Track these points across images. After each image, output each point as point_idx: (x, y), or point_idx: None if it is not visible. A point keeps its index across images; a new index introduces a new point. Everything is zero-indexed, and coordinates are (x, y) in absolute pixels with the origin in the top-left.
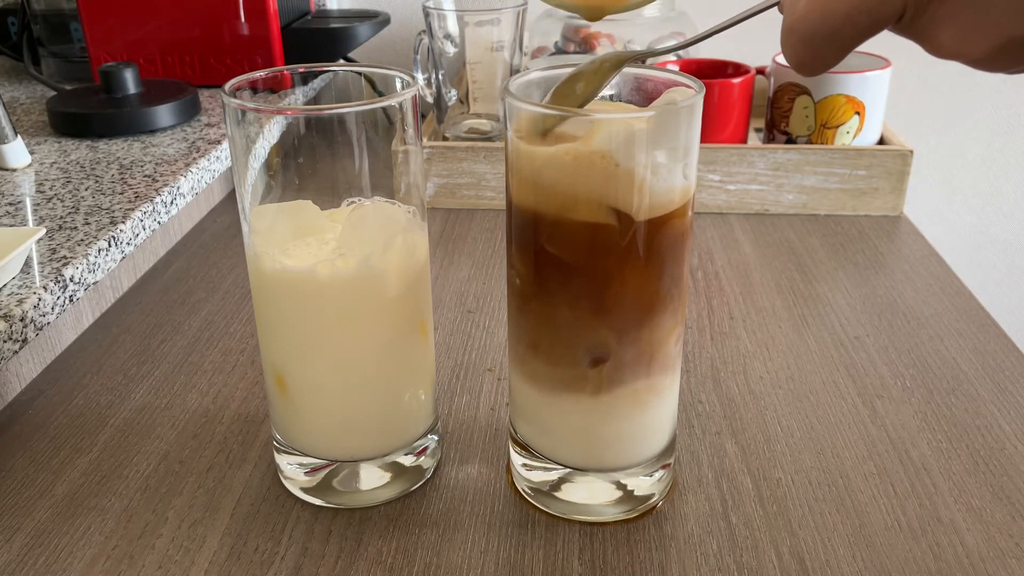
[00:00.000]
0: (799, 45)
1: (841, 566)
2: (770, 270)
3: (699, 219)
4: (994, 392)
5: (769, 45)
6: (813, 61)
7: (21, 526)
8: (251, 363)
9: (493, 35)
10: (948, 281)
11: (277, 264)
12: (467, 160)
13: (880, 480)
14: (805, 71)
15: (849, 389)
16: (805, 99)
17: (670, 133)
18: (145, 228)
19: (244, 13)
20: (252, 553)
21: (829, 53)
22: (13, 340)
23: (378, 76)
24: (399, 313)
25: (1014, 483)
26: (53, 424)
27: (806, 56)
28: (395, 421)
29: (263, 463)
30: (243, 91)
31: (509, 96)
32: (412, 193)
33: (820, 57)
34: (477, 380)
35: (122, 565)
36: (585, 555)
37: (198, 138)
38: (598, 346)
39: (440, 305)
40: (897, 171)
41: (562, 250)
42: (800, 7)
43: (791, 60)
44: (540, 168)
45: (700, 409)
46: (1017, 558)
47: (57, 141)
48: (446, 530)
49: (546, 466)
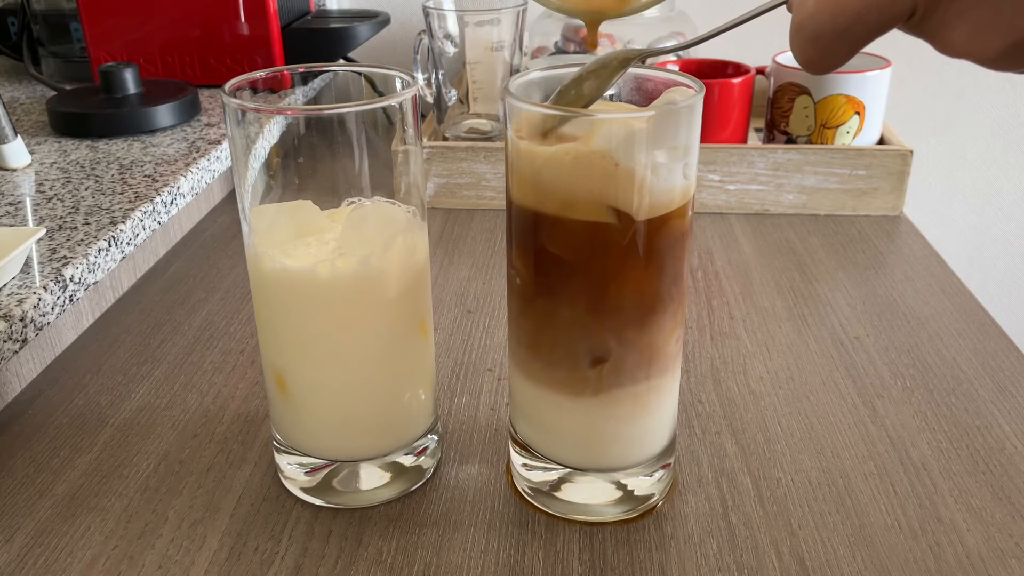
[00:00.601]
0: (808, 43)
1: (841, 566)
2: (770, 270)
3: (699, 219)
4: (994, 392)
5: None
6: (822, 60)
7: (21, 526)
8: (251, 363)
9: (493, 35)
10: (948, 281)
11: (277, 264)
12: (467, 160)
13: (880, 480)
14: (813, 69)
15: (849, 389)
16: (805, 99)
17: (670, 133)
18: (145, 228)
19: (244, 13)
20: (252, 553)
21: (838, 51)
22: (13, 340)
23: (378, 76)
24: (399, 313)
25: (1014, 483)
26: (53, 424)
27: (815, 55)
28: (395, 421)
29: (263, 463)
30: (243, 91)
31: (509, 96)
32: (412, 193)
33: (829, 55)
34: (477, 380)
35: (122, 565)
36: (585, 555)
37: (198, 138)
38: (598, 346)
39: (440, 305)
40: (897, 171)
41: (562, 250)
42: (810, 5)
43: (800, 58)
44: (540, 168)
45: (700, 409)
46: (1017, 558)
47: (57, 141)
48: (446, 530)
49: (546, 466)
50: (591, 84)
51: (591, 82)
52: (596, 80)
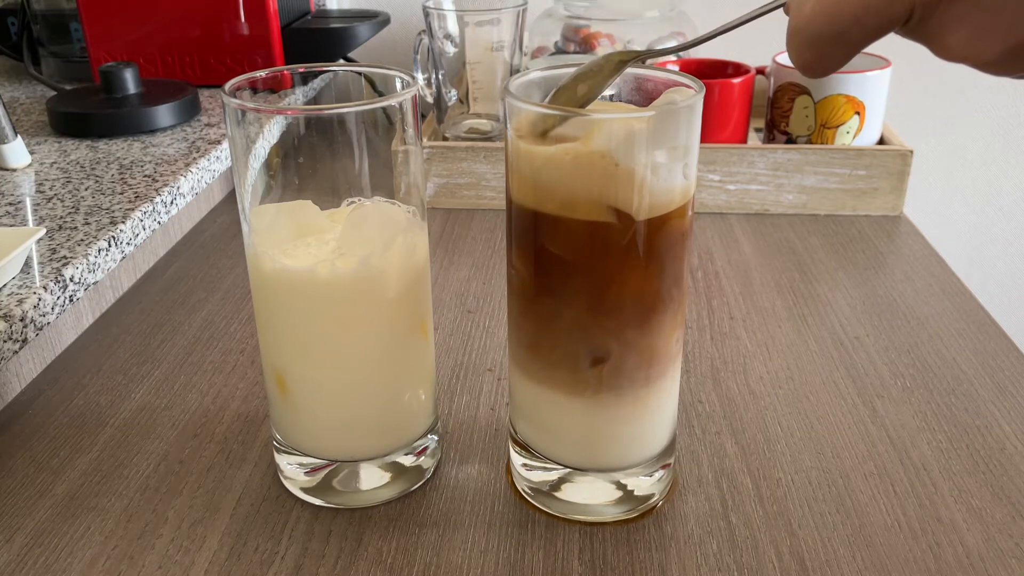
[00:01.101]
0: (805, 47)
1: (841, 566)
2: (770, 270)
3: (699, 219)
4: (994, 392)
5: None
6: (819, 63)
7: (21, 526)
8: (251, 363)
9: (493, 35)
10: (948, 281)
11: (277, 264)
12: (467, 160)
13: (880, 480)
14: (810, 73)
15: (849, 389)
16: (805, 99)
17: (670, 133)
18: (145, 228)
19: (244, 13)
20: (252, 553)
21: (835, 55)
22: (13, 340)
23: (378, 76)
24: (399, 313)
25: (1014, 483)
26: (53, 424)
27: (812, 58)
28: (395, 421)
29: (263, 463)
30: (243, 91)
31: (509, 96)
32: (412, 193)
33: (826, 59)
34: (477, 380)
35: (122, 565)
36: (585, 555)
37: (198, 138)
38: (598, 346)
39: (440, 305)
40: (897, 171)
41: (562, 250)
42: (807, 9)
43: (797, 62)
44: (540, 168)
45: (700, 409)
46: (1017, 558)
47: (57, 141)
48: (446, 530)
49: (546, 466)
50: (587, 85)
51: (587, 83)
52: (593, 81)
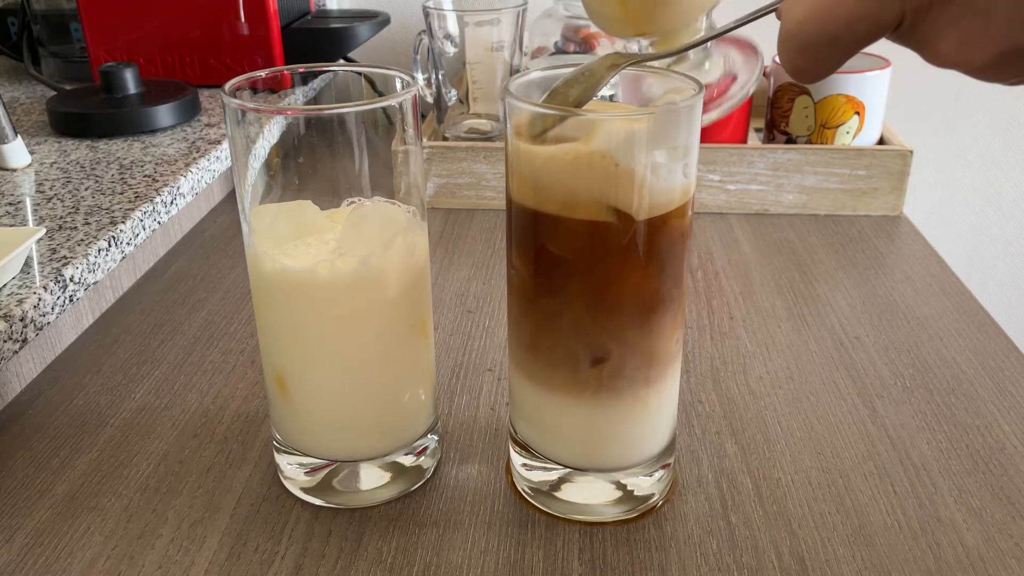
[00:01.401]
0: (796, 52)
1: (841, 566)
2: (770, 270)
3: (699, 219)
4: (994, 392)
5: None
6: (810, 68)
7: (21, 526)
8: (251, 363)
9: (493, 35)
10: (948, 281)
11: (277, 264)
12: (467, 160)
13: (880, 480)
14: (802, 78)
15: (849, 389)
16: (805, 99)
17: (670, 133)
18: (145, 228)
19: (244, 13)
20: (252, 553)
21: (827, 61)
22: (13, 340)
23: (378, 76)
24: (399, 313)
25: (1014, 483)
26: (53, 424)
27: (803, 63)
28: (395, 421)
29: (263, 463)
30: (243, 91)
31: (509, 96)
32: (412, 193)
33: (817, 64)
34: (477, 380)
35: (122, 565)
36: (585, 555)
37: (198, 138)
38: (598, 346)
39: (440, 305)
40: (897, 171)
41: (562, 250)
42: (798, 13)
43: (788, 67)
44: (540, 168)
45: (700, 409)
46: (1017, 558)
47: (57, 141)
48: (446, 530)
49: (546, 466)
50: (579, 89)
51: (579, 87)
52: (584, 85)
